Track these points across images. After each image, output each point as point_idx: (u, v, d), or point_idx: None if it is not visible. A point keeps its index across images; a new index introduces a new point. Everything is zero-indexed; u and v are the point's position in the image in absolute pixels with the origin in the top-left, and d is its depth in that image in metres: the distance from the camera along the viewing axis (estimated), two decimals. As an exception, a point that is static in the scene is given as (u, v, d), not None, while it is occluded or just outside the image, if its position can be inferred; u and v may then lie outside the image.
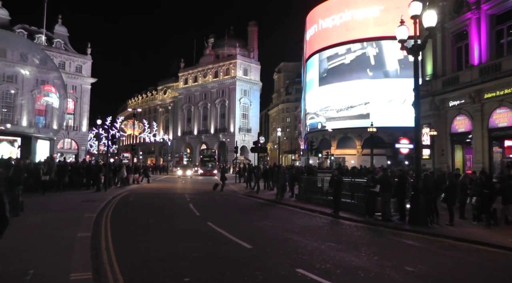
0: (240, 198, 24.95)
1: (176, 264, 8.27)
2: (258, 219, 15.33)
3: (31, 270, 7.10)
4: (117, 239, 10.72)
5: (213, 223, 13.60)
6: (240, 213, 17.63)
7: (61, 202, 18.73)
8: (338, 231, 13.27)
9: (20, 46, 55.07)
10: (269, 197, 23.49)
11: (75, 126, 77.49)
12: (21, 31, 72.86)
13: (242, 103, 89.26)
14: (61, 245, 9.41)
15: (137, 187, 31.82)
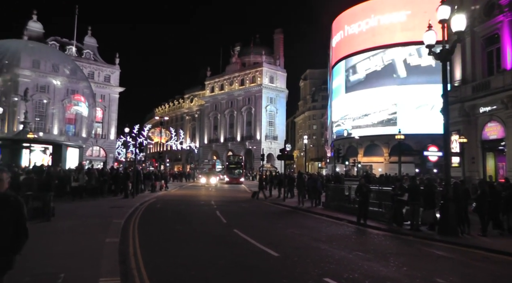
0: (266, 205, 24.85)
1: (204, 271, 8.27)
2: (284, 227, 15.22)
3: (62, 274, 7.25)
4: (145, 245, 10.81)
5: (240, 230, 13.58)
6: (266, 220, 17.56)
7: (90, 208, 19.04)
8: (365, 240, 13.08)
9: (52, 57, 56.74)
10: (296, 205, 23.32)
11: (103, 134, 79.01)
12: (54, 43, 75.24)
13: (268, 111, 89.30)
14: (90, 250, 9.56)
15: (164, 194, 32.11)
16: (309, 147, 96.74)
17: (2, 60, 44.29)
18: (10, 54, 46.89)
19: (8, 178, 4.23)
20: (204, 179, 50.76)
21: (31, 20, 75.42)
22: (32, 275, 7.10)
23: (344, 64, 61.23)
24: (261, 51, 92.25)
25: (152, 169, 54.02)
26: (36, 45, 59.26)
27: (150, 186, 32.96)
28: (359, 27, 58.97)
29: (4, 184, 4.18)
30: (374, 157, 55.38)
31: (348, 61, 60.33)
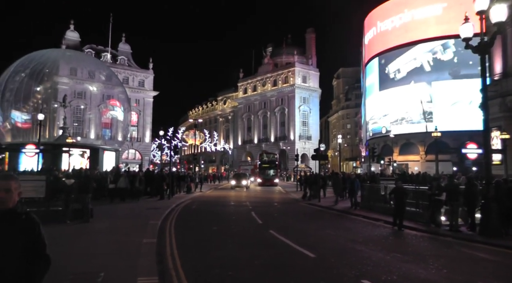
0: (301, 206, 24.75)
1: (240, 272, 8.30)
2: (320, 228, 15.12)
3: (102, 273, 7.46)
4: (182, 246, 10.94)
5: (275, 231, 13.56)
6: (302, 221, 17.47)
7: (127, 209, 19.46)
8: (403, 241, 12.81)
9: (89, 64, 58.59)
10: (331, 206, 23.10)
11: (138, 137, 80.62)
12: (89, 50, 77.71)
13: (302, 111, 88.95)
14: (128, 250, 9.77)
15: (199, 195, 32.44)
16: (343, 147, 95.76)
17: (43, 69, 46.00)
18: (50, 63, 48.70)
19: (19, 188, 3.06)
20: (234, 182, 44.38)
21: (69, 30, 78.39)
22: (73, 273, 7.34)
23: (378, 62, 60.26)
24: (293, 51, 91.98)
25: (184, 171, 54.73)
26: (73, 53, 61.40)
27: (185, 188, 33.41)
28: (392, 22, 57.84)
29: (13, 196, 3.01)
30: (410, 156, 54.25)
31: (382, 58, 59.35)
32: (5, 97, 42.76)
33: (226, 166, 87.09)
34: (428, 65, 52.95)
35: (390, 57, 57.67)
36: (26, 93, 45.07)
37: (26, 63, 43.58)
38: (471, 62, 45.04)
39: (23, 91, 44.48)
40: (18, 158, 32.10)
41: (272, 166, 54.05)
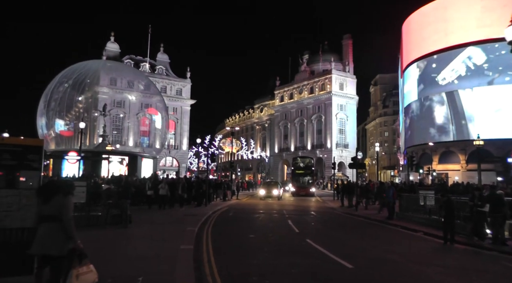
0: (338, 215, 24.45)
1: (276, 280, 8.27)
2: (357, 238, 14.89)
3: (140, 278, 7.59)
4: (218, 252, 11.01)
5: (312, 240, 13.43)
6: (338, 230, 17.26)
7: (164, 215, 19.73)
8: (444, 253, 12.44)
9: (128, 74, 60.41)
10: (368, 215, 22.67)
11: (176, 145, 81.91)
12: (129, 61, 80.00)
13: (339, 118, 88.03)
14: (166, 255, 9.89)
15: (235, 203, 32.54)
16: (381, 155, 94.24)
17: (85, 79, 47.64)
18: (91, 74, 50.48)
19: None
20: (263, 191, 37.91)
21: (109, 41, 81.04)
22: (111, 277, 7.49)
23: (416, 67, 59.11)
24: (329, 58, 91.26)
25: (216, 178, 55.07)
26: (113, 63, 63.51)
27: (221, 195, 33.60)
28: (431, 27, 56.48)
29: None
30: (450, 165, 52.77)
31: (420, 64, 58.12)
32: (50, 107, 44.45)
33: (263, 174, 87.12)
34: (469, 70, 51.48)
35: (428, 63, 56.42)
36: (69, 102, 46.75)
37: (69, 74, 45.28)
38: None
39: (66, 101, 46.19)
40: (61, 165, 33.30)
41: (307, 172, 47.42)
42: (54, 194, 5.46)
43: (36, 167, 6.66)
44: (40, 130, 44.75)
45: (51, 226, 5.33)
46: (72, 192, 5.81)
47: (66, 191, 5.57)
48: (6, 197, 6.29)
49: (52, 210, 5.36)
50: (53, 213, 5.35)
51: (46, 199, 5.45)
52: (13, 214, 6.29)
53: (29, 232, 6.29)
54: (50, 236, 5.29)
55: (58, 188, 5.57)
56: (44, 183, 6.23)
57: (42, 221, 5.39)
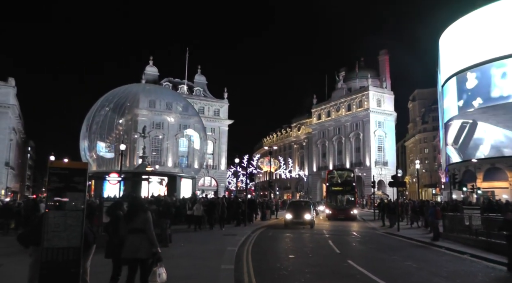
0: (380, 235, 23.89)
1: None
2: (400, 259, 14.43)
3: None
4: (259, 273, 10.96)
5: (354, 261, 13.16)
6: (381, 251, 16.82)
7: (204, 235, 19.87)
8: (495, 278, 11.80)
9: (166, 96, 61.93)
10: (411, 236, 21.94)
11: (214, 165, 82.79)
12: (167, 83, 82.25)
13: (377, 136, 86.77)
14: (207, 275, 10.00)
15: (275, 222, 32.31)
16: (421, 173, 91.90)
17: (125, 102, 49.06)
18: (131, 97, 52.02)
19: None
20: (290, 215, 26.48)
21: (148, 65, 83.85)
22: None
23: (456, 81, 57.61)
24: (366, 75, 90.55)
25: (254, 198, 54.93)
26: (152, 86, 65.35)
27: (260, 215, 33.50)
28: (470, 39, 54.89)
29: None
30: (496, 182, 50.75)
31: (460, 78, 56.53)
32: (92, 130, 45.78)
33: (301, 193, 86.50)
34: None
35: (469, 76, 54.79)
36: (110, 125, 48.04)
37: (110, 98, 46.74)
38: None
39: (107, 124, 47.47)
40: (103, 185, 34.11)
41: (346, 189, 38.40)
42: (137, 212, 7.14)
43: (81, 189, 6.88)
44: (83, 152, 46.05)
45: (138, 236, 6.94)
46: (149, 210, 7.46)
47: (146, 209, 7.32)
48: (53, 218, 6.55)
49: (137, 224, 7.01)
50: (139, 226, 7.00)
51: (131, 216, 7.14)
52: (60, 234, 6.53)
53: (74, 251, 6.57)
54: (138, 244, 6.90)
55: (140, 207, 7.26)
56: (129, 204, 7.76)
57: (130, 233, 6.97)
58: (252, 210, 31.33)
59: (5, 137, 68.76)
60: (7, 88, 68.70)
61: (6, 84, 68.70)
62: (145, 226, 7.03)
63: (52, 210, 6.65)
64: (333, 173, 42.45)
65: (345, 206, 37.17)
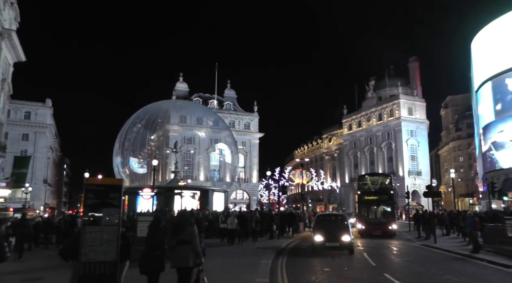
0: (416, 247, 23.27)
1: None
2: (439, 273, 13.92)
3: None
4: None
5: (390, 274, 12.88)
6: (418, 264, 16.35)
7: (237, 248, 19.90)
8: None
9: (197, 112, 62.90)
10: (449, 248, 21.19)
11: (246, 178, 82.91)
12: (197, 98, 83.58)
13: (410, 145, 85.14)
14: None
15: (308, 235, 31.88)
16: (457, 182, 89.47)
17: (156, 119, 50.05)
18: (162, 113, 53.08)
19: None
20: (320, 237, 18.42)
21: (178, 82, 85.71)
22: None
23: (491, 85, 56.02)
24: (396, 83, 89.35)
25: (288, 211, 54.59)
26: (183, 102, 66.50)
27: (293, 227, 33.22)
28: (506, 40, 53.11)
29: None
30: (539, 191, 48.72)
31: (496, 82, 54.85)
32: (125, 146, 46.77)
33: (334, 205, 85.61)
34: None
35: (506, 79, 53.23)
36: (142, 141, 49.05)
37: (142, 115, 47.81)
38: None
39: (139, 140, 48.47)
40: (136, 200, 34.70)
41: (382, 198, 30.96)
42: (185, 226, 7.97)
43: (116, 204, 7.05)
44: (116, 168, 47.03)
45: (186, 247, 7.75)
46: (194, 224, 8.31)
47: (192, 223, 8.17)
48: (90, 233, 6.75)
49: (185, 236, 7.80)
50: (186, 238, 7.79)
51: (180, 229, 7.94)
52: (96, 248, 6.74)
53: (110, 265, 6.78)
54: (185, 254, 7.72)
55: (187, 221, 8.16)
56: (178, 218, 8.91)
57: (178, 244, 7.77)
58: (288, 223, 31.18)
59: (43, 155, 71.54)
60: (44, 109, 72.24)
61: (44, 105, 72.44)
62: (191, 238, 7.82)
63: (89, 225, 6.83)
64: (365, 178, 34.70)
65: (381, 220, 29.86)
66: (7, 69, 39.57)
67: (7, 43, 37.05)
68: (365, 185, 32.94)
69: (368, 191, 32.02)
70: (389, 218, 29.90)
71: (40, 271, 12.79)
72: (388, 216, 30.22)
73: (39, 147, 70.29)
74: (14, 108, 64.19)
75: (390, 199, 31.22)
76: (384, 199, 30.93)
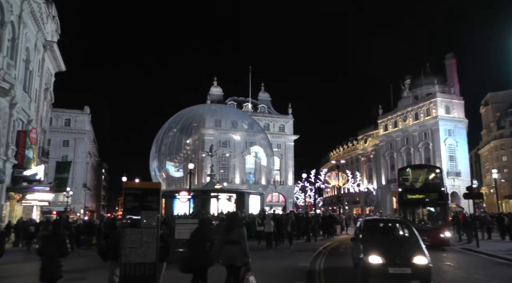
0: (457, 251, 22.33)
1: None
2: (484, 279, 13.33)
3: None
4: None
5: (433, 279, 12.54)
6: (461, 269, 15.78)
7: (274, 251, 19.97)
8: None
9: (231, 115, 63.48)
10: (493, 252, 20.17)
11: (281, 181, 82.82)
12: (232, 102, 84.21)
13: (448, 145, 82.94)
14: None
15: (345, 238, 31.60)
16: (500, 183, 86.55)
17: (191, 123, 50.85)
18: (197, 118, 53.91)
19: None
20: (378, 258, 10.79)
21: (213, 86, 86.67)
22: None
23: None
24: (433, 81, 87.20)
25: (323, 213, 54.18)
26: (217, 106, 67.34)
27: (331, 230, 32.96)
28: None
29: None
30: None
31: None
32: (161, 151, 47.67)
33: (371, 207, 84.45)
34: None
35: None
36: (177, 146, 49.94)
37: (177, 120, 48.66)
38: None
39: (175, 144, 49.31)
40: (173, 203, 35.33)
41: (430, 197, 24.51)
42: (235, 227, 8.68)
43: (155, 207, 7.22)
44: (153, 172, 47.95)
45: (235, 247, 8.38)
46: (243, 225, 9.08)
47: (242, 225, 8.96)
48: (130, 235, 6.94)
49: (234, 236, 8.47)
50: (235, 238, 8.45)
51: (229, 229, 8.65)
52: (136, 250, 6.91)
53: (150, 267, 6.94)
54: (234, 253, 8.35)
55: (237, 223, 8.92)
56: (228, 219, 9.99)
57: (227, 243, 8.47)
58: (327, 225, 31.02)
59: (83, 160, 73.96)
60: (83, 116, 74.72)
61: (83, 113, 75.08)
62: (239, 239, 8.43)
63: (128, 228, 7.02)
64: (407, 172, 28.35)
65: (428, 226, 23.45)
66: (49, 79, 41.20)
67: (49, 54, 38.63)
68: (407, 180, 26.50)
69: (411, 188, 25.56)
70: (440, 223, 23.68)
71: (81, 272, 13.23)
72: (438, 221, 24.01)
73: (78, 152, 72.95)
74: (55, 116, 66.53)
75: (440, 198, 24.39)
76: (432, 199, 24.45)
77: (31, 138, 31.10)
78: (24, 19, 29.57)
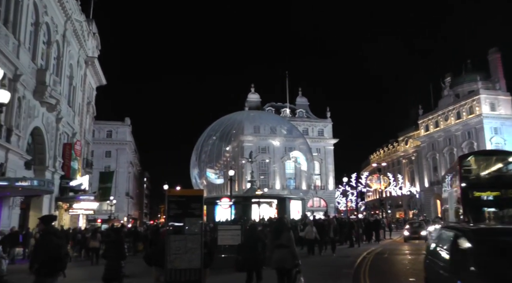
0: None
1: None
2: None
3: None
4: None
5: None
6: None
7: (317, 257, 19.91)
8: None
9: (270, 121, 63.77)
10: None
11: (322, 185, 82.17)
12: (270, 108, 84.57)
13: (494, 143, 79.72)
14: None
15: (389, 243, 31.09)
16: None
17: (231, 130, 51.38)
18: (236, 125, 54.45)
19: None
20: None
21: (250, 93, 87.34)
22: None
23: None
24: (475, 77, 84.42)
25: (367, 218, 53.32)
26: (256, 113, 67.77)
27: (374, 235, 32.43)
28: None
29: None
30: None
31: None
32: (201, 159, 48.32)
33: (414, 211, 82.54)
34: None
35: None
36: (217, 153, 50.48)
37: (216, 127, 49.27)
38: None
39: (215, 152, 49.87)
40: (214, 210, 35.72)
41: (508, 194, 17.80)
42: (283, 231, 9.06)
43: (198, 214, 7.33)
44: (194, 180, 48.60)
45: (284, 251, 8.76)
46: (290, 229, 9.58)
47: (289, 229, 9.42)
48: (174, 241, 7.09)
49: (283, 241, 8.85)
50: (284, 242, 8.83)
51: (278, 234, 9.03)
52: (181, 256, 7.05)
53: (195, 272, 7.05)
54: (283, 256, 8.73)
55: (285, 227, 9.39)
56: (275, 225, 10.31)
57: (276, 248, 8.86)
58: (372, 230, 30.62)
59: (125, 170, 76.04)
60: (124, 127, 76.86)
61: (123, 124, 77.24)
62: (288, 243, 8.84)
63: (173, 234, 7.17)
64: (469, 161, 20.80)
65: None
66: (91, 93, 42.79)
67: (90, 70, 40.30)
68: (470, 172, 19.86)
69: (478, 183, 19.14)
70: None
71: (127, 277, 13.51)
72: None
73: (120, 162, 75.15)
74: (97, 128, 68.74)
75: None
76: (509, 191, 17.88)
77: (76, 150, 32.32)
78: (67, 37, 31.10)
